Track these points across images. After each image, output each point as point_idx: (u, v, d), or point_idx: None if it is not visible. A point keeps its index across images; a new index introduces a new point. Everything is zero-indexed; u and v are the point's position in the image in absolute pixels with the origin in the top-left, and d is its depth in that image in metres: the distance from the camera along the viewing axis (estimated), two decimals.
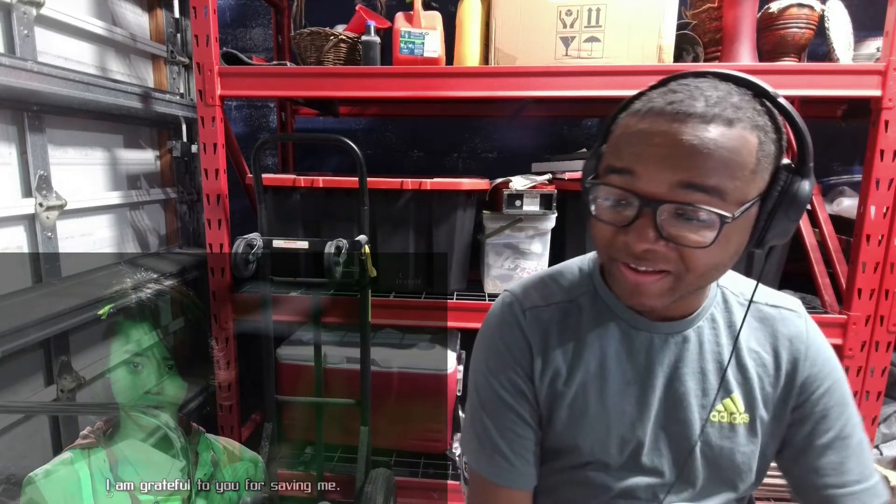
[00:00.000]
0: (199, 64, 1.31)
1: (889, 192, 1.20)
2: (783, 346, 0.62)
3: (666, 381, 0.61)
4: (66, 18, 1.35)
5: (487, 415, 0.65)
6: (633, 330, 0.62)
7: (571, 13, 1.24)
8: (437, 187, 1.36)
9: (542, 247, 1.43)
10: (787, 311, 0.63)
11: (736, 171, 0.48)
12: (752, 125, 0.48)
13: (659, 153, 0.48)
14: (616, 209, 0.52)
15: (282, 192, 1.42)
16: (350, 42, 1.38)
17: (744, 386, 0.61)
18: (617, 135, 0.54)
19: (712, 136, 0.47)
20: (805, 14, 1.27)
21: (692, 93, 0.49)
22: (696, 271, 0.51)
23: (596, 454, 0.62)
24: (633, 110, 0.53)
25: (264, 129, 2.07)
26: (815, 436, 0.61)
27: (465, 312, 1.39)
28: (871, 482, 0.60)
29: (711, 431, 0.61)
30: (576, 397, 0.62)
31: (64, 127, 1.38)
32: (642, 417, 0.61)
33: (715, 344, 0.62)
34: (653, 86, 0.54)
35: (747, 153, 0.48)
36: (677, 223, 0.49)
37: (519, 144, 1.97)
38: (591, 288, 0.65)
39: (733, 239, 0.51)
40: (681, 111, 0.48)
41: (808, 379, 0.61)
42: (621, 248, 0.52)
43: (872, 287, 1.25)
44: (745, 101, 0.50)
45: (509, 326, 0.64)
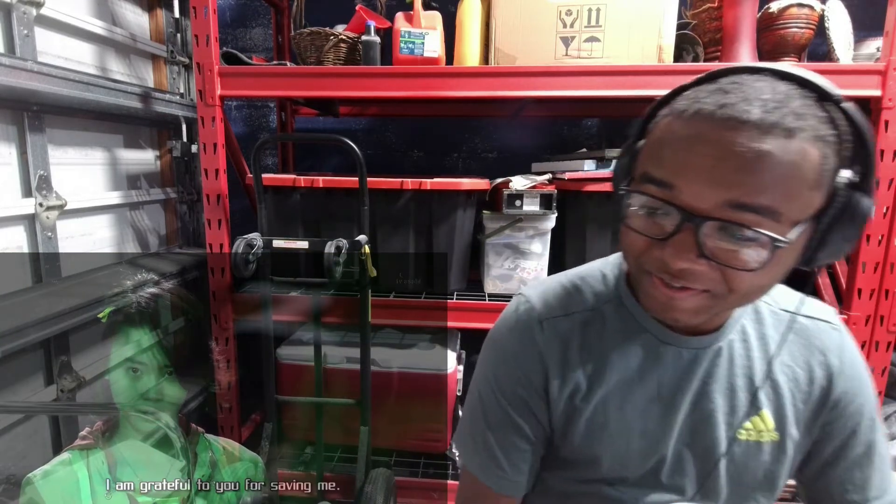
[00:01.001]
0: (199, 64, 1.31)
1: (889, 192, 1.20)
2: (817, 361, 0.57)
3: (693, 399, 0.57)
4: (66, 18, 1.35)
5: (488, 424, 0.62)
6: (660, 343, 0.57)
7: (571, 13, 1.24)
8: (437, 187, 1.36)
9: (542, 247, 1.43)
10: (822, 323, 0.59)
11: (794, 189, 0.42)
12: (815, 136, 0.42)
13: (706, 166, 0.42)
14: (652, 218, 0.47)
15: (282, 192, 1.42)
16: (350, 42, 1.38)
17: (774, 403, 0.57)
18: (657, 137, 0.47)
19: (769, 150, 0.41)
20: (805, 14, 1.27)
21: (747, 95, 0.42)
22: (738, 292, 0.46)
23: (614, 469, 0.59)
24: (677, 109, 0.46)
25: (264, 129, 2.07)
26: (844, 451, 0.58)
27: (465, 312, 1.39)
28: (891, 496, 0.59)
29: (737, 450, 0.57)
30: (595, 412, 0.58)
31: (64, 127, 1.38)
32: (665, 434, 0.57)
33: (746, 358, 0.57)
34: (699, 79, 0.48)
35: (808, 169, 0.42)
36: (722, 241, 0.43)
37: (519, 144, 1.97)
38: (616, 296, 0.60)
39: (784, 261, 0.46)
40: (733, 117, 0.42)
41: (842, 395, 0.57)
42: (656, 263, 0.47)
43: (872, 287, 1.25)
44: (807, 106, 0.43)
45: (522, 339, 0.60)
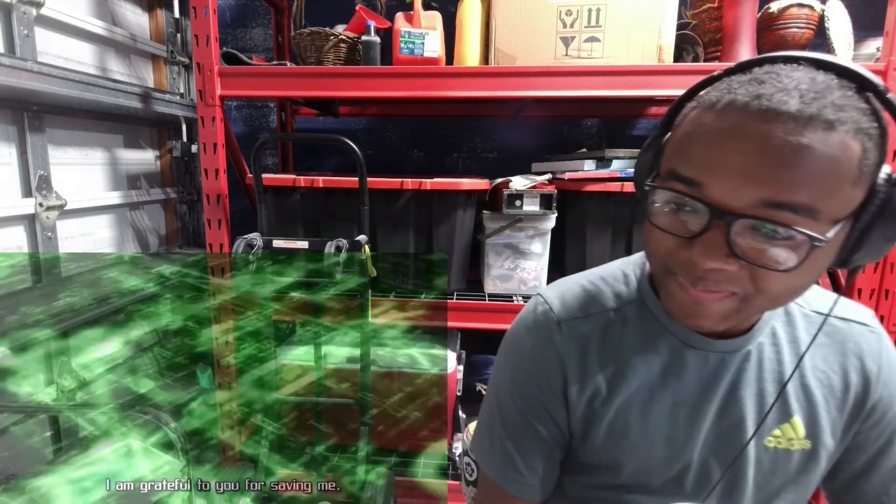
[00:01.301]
0: (199, 64, 1.31)
1: None
2: (852, 366, 0.54)
3: (721, 405, 0.54)
4: (66, 18, 1.35)
5: (505, 426, 0.60)
6: (685, 347, 0.54)
7: (571, 13, 1.24)
8: (437, 187, 1.36)
9: (542, 247, 1.43)
10: (858, 326, 0.56)
11: (833, 185, 0.39)
12: (856, 129, 0.39)
13: (739, 162, 0.40)
14: (678, 215, 0.44)
15: (282, 192, 1.42)
16: (350, 42, 1.38)
17: (807, 409, 0.54)
18: (685, 131, 0.44)
19: (808, 143, 0.38)
20: (805, 14, 1.27)
21: (784, 85, 0.40)
22: (769, 295, 0.43)
23: (636, 476, 0.57)
24: (706, 101, 0.43)
25: (264, 129, 2.07)
26: (880, 461, 0.55)
27: (465, 312, 1.39)
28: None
29: (765, 458, 0.54)
30: (616, 418, 0.56)
31: (64, 127, 1.38)
32: (690, 441, 0.55)
33: (776, 363, 0.54)
34: (730, 69, 0.45)
35: (848, 164, 0.39)
36: (755, 240, 0.41)
37: (519, 144, 1.97)
38: (638, 297, 0.57)
39: (820, 261, 0.43)
40: (770, 109, 0.39)
41: (879, 402, 0.54)
42: (683, 264, 0.44)
43: (872, 287, 1.24)
44: (847, 97, 0.40)
45: (541, 341, 0.58)
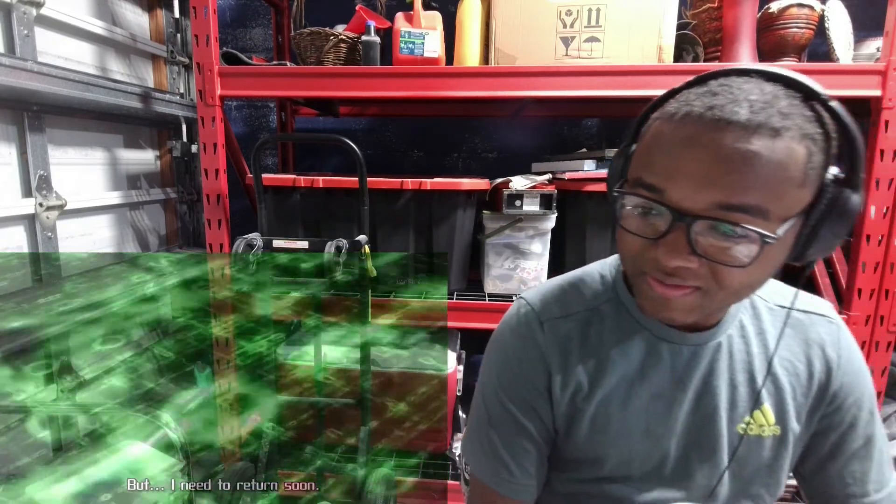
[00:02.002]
0: (199, 64, 1.31)
1: (889, 192, 1.20)
2: (816, 355, 0.58)
3: (696, 395, 0.58)
4: (66, 18, 1.35)
5: (494, 427, 0.62)
6: (660, 341, 0.58)
7: (571, 13, 1.24)
8: (437, 187, 1.36)
9: (542, 247, 1.43)
10: (818, 317, 0.60)
11: (781, 187, 0.43)
12: (801, 134, 0.43)
13: (695, 170, 0.44)
14: (645, 219, 0.48)
15: (282, 192, 1.42)
16: (350, 42, 1.38)
17: (775, 396, 0.58)
18: (648, 141, 0.49)
19: (756, 150, 0.42)
20: (805, 14, 1.27)
21: (735, 96, 0.44)
22: (729, 289, 0.47)
23: (618, 468, 0.60)
24: (667, 113, 0.47)
25: (264, 129, 2.07)
26: (843, 445, 0.59)
27: (465, 312, 1.39)
28: (890, 488, 0.59)
29: (740, 444, 0.58)
30: (597, 412, 0.59)
31: (64, 127, 1.38)
32: (668, 431, 0.58)
33: (745, 353, 0.58)
34: (689, 83, 0.49)
35: (794, 167, 0.43)
36: (713, 239, 0.45)
37: (519, 144, 1.97)
38: (614, 296, 0.61)
39: (773, 257, 0.47)
40: (722, 118, 0.43)
41: (840, 388, 0.58)
42: (651, 263, 0.48)
43: (872, 287, 1.25)
44: (793, 105, 0.44)
45: (524, 341, 0.61)
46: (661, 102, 0.50)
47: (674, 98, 0.49)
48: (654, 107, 0.51)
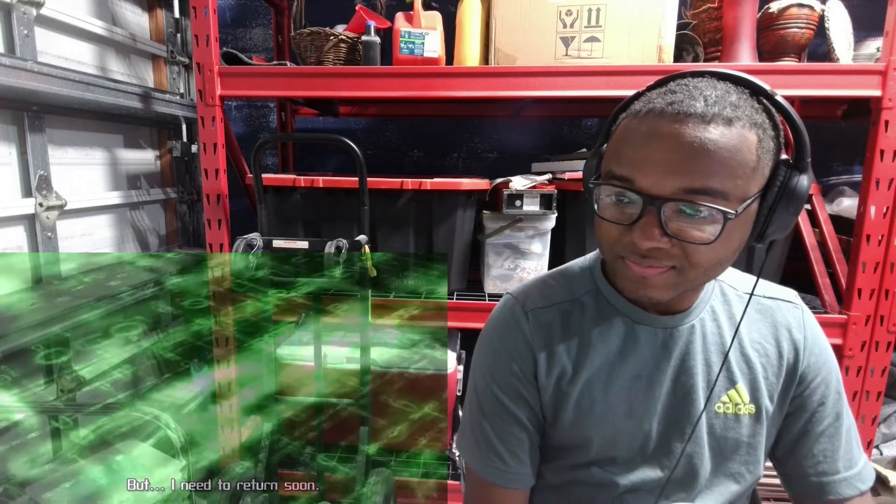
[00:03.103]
0: (199, 64, 1.31)
1: (889, 192, 1.20)
2: (784, 337, 0.63)
3: (673, 375, 0.62)
4: (66, 18, 1.35)
5: (486, 417, 0.65)
6: (637, 325, 0.62)
7: (571, 13, 1.24)
8: (437, 187, 1.36)
9: (542, 247, 1.43)
10: (783, 303, 0.65)
11: (737, 169, 0.48)
12: (751, 123, 0.49)
13: (660, 159, 0.49)
14: (619, 206, 0.53)
15: (282, 192, 1.42)
16: (350, 42, 1.38)
17: (748, 376, 0.62)
18: (617, 137, 0.54)
19: (713, 137, 0.47)
20: (805, 14, 1.27)
21: (691, 92, 0.50)
22: (700, 267, 0.52)
23: (603, 450, 0.63)
24: (632, 111, 0.53)
25: (264, 129, 2.07)
26: (812, 424, 0.62)
27: (465, 312, 1.39)
28: (860, 466, 0.62)
29: (717, 423, 0.62)
30: (581, 395, 0.62)
31: (64, 127, 1.38)
32: (649, 411, 0.62)
33: (718, 335, 0.62)
34: (651, 85, 0.55)
35: (747, 151, 0.49)
36: (681, 220, 0.50)
37: (519, 144, 1.97)
38: (594, 286, 0.65)
39: (736, 234, 0.52)
40: (681, 112, 0.48)
41: (808, 368, 0.62)
42: (627, 246, 0.52)
43: (872, 287, 1.24)
44: (743, 99, 0.50)
45: (511, 330, 0.65)
46: (627, 104, 0.55)
47: (638, 99, 0.54)
48: (622, 109, 0.56)
